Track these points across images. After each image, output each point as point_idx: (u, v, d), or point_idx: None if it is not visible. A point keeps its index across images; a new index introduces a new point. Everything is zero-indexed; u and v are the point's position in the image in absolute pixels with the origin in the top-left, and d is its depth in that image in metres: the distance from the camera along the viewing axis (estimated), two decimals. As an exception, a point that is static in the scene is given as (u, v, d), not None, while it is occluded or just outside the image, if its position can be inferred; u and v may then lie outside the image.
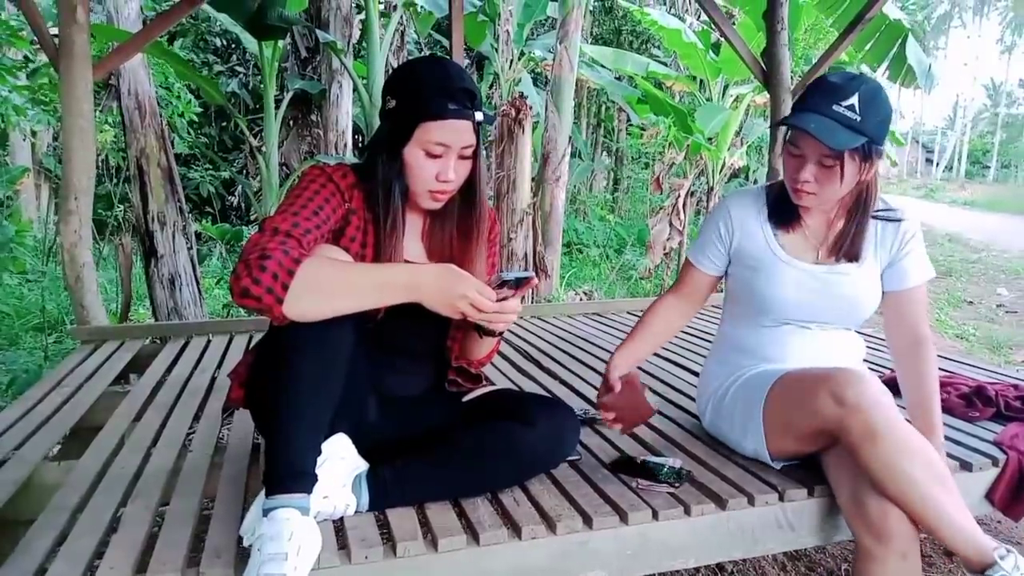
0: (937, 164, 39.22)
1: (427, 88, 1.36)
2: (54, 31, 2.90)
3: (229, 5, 3.83)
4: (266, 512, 1.21)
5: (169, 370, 2.49)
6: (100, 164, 7.69)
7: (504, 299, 1.31)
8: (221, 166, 7.30)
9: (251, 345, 2.12)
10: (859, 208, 1.63)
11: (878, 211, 1.66)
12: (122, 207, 6.78)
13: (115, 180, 6.89)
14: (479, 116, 1.41)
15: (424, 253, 1.54)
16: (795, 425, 1.54)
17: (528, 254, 4.22)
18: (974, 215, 17.93)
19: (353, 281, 1.24)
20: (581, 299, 5.38)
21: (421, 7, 5.02)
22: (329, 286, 1.22)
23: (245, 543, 1.23)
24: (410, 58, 2.00)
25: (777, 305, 1.66)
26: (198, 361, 2.59)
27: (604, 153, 12.36)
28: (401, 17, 5.28)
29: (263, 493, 1.25)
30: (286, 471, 1.23)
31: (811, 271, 1.66)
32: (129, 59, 3.46)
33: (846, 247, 1.65)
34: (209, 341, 2.90)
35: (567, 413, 1.55)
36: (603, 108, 12.13)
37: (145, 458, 1.71)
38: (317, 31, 4.39)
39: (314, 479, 1.27)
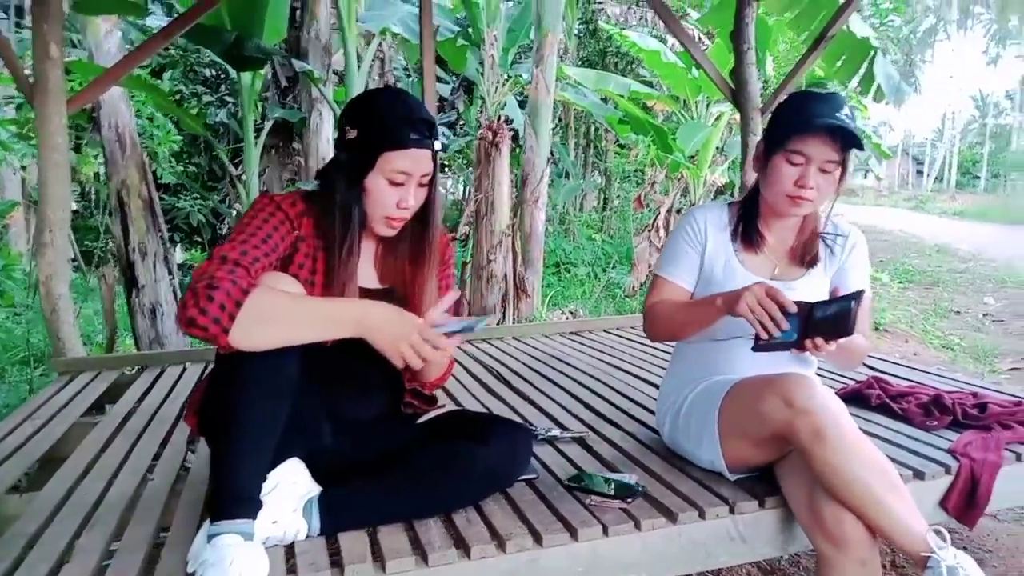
0: (927, 175, 39.50)
1: (389, 118, 1.40)
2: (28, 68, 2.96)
3: (208, 38, 3.89)
4: (210, 538, 1.22)
5: (141, 399, 2.51)
6: (88, 196, 7.76)
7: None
8: (208, 196, 7.35)
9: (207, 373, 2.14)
10: (808, 222, 1.72)
11: (825, 233, 1.72)
12: (107, 239, 6.82)
13: (103, 211, 6.94)
14: (437, 145, 1.46)
15: (376, 277, 1.56)
16: (748, 431, 1.56)
17: (508, 275, 4.26)
18: (964, 225, 18.03)
19: (300, 314, 1.26)
20: (567, 318, 5.41)
21: (394, 37, 5.08)
22: (276, 317, 1.24)
23: (189, 569, 1.24)
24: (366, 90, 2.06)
25: (731, 319, 1.69)
26: (171, 390, 2.61)
27: (595, 173, 12.44)
28: (381, 44, 5.36)
29: (209, 520, 1.26)
30: (229, 497, 1.25)
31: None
32: (103, 92, 3.51)
33: (799, 261, 1.72)
34: (184, 369, 2.91)
35: (520, 431, 1.57)
36: (592, 128, 12.24)
37: (107, 487, 1.72)
38: (294, 60, 4.46)
39: (258, 505, 1.28)
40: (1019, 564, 2.31)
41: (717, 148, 6.83)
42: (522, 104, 9.55)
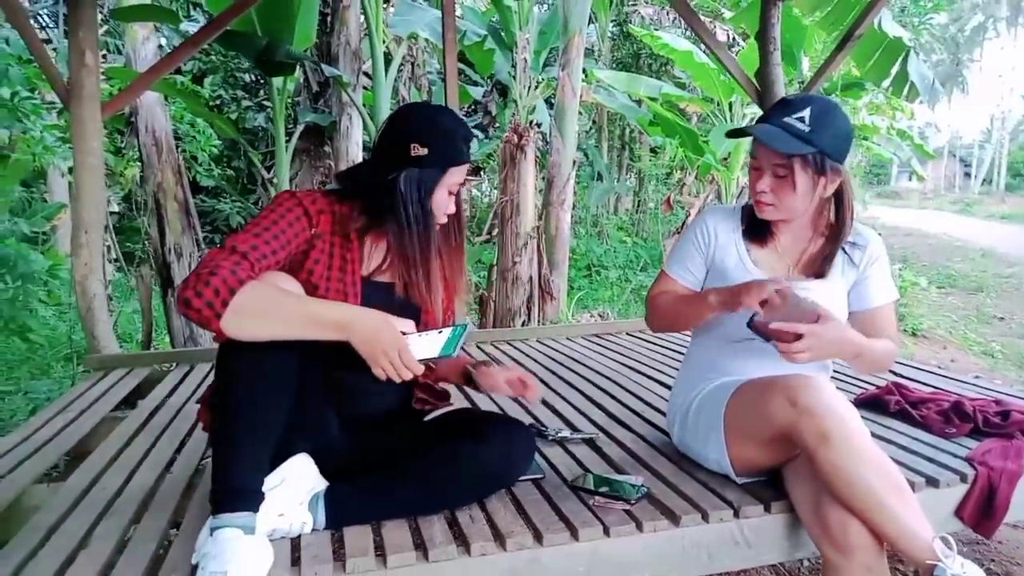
0: (975, 178, 38.37)
1: (455, 137, 1.51)
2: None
3: (239, 44, 3.99)
4: (212, 531, 1.26)
5: (169, 395, 2.58)
6: (130, 199, 7.98)
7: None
8: (246, 199, 7.52)
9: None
10: (835, 232, 1.69)
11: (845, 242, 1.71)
12: (144, 239, 7.01)
13: (144, 213, 7.14)
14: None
15: (388, 273, 1.59)
16: (754, 433, 1.55)
17: (533, 277, 4.27)
18: (1012, 229, 17.46)
19: (288, 311, 1.29)
20: (596, 320, 5.40)
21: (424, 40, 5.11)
22: (265, 311, 1.27)
23: (192, 561, 1.28)
24: (412, 102, 2.19)
25: (743, 320, 1.68)
26: (198, 386, 2.68)
27: (630, 175, 12.38)
28: (411, 49, 5.42)
29: (211, 514, 1.30)
30: (229, 491, 1.28)
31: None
32: (136, 97, 3.62)
33: (817, 267, 1.70)
34: (213, 367, 2.98)
35: (520, 430, 1.58)
36: (627, 131, 12.19)
37: (127, 479, 1.78)
38: (324, 66, 4.54)
39: (259, 498, 1.31)
40: (1048, 577, 2.25)
41: (749, 151, 6.74)
42: (553, 107, 9.58)
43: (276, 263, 1.39)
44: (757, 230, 1.73)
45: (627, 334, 3.58)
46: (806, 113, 1.54)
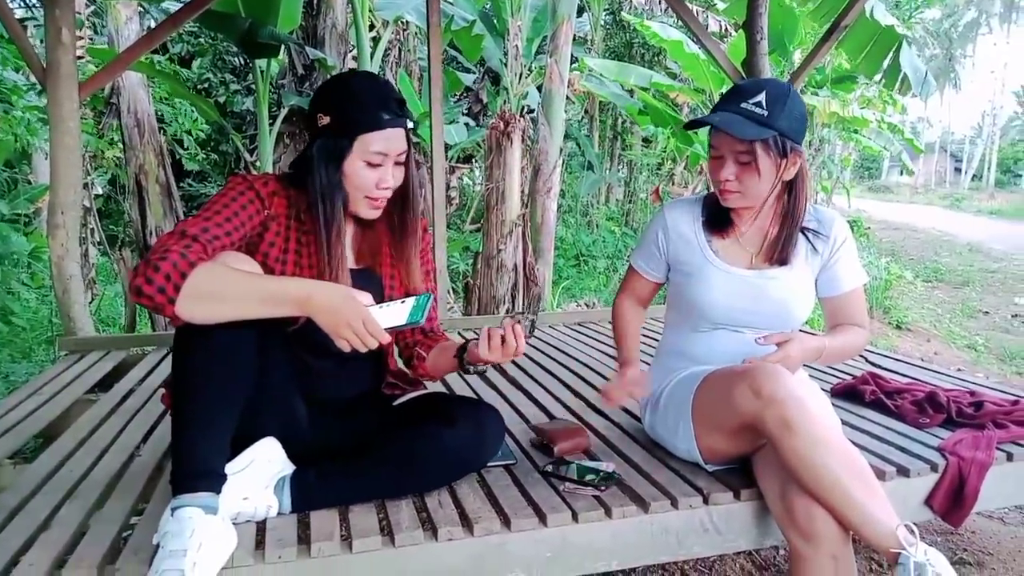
0: (965, 173, 38.53)
1: (365, 102, 1.42)
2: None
3: (222, 24, 3.94)
4: (172, 512, 1.24)
5: (144, 379, 2.56)
6: (112, 181, 7.90)
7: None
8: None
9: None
10: (789, 215, 1.67)
11: (806, 227, 1.69)
12: (126, 222, 6.95)
13: (125, 196, 7.07)
14: (410, 123, 1.47)
15: (353, 258, 1.57)
16: (720, 422, 1.55)
17: (518, 265, 4.25)
18: (1000, 224, 17.57)
19: (243, 290, 1.26)
20: (583, 309, 5.39)
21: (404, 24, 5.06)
22: (219, 292, 1.24)
23: (154, 541, 1.26)
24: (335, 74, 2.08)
25: (709, 309, 1.68)
26: (174, 370, 2.65)
27: (622, 165, 12.35)
28: (397, 33, 5.37)
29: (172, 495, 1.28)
30: (188, 471, 1.27)
31: (743, 276, 1.67)
32: (115, 78, 3.57)
33: (777, 253, 1.68)
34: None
35: (489, 413, 1.57)
36: (618, 121, 12.14)
37: (95, 462, 1.75)
38: (308, 49, 4.49)
39: (220, 479, 1.30)
40: (1021, 568, 2.26)
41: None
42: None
43: (229, 245, 1.36)
44: (717, 221, 1.72)
45: (607, 322, 3.57)
46: (761, 98, 1.54)
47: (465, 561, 1.40)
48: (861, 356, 2.64)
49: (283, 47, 4.59)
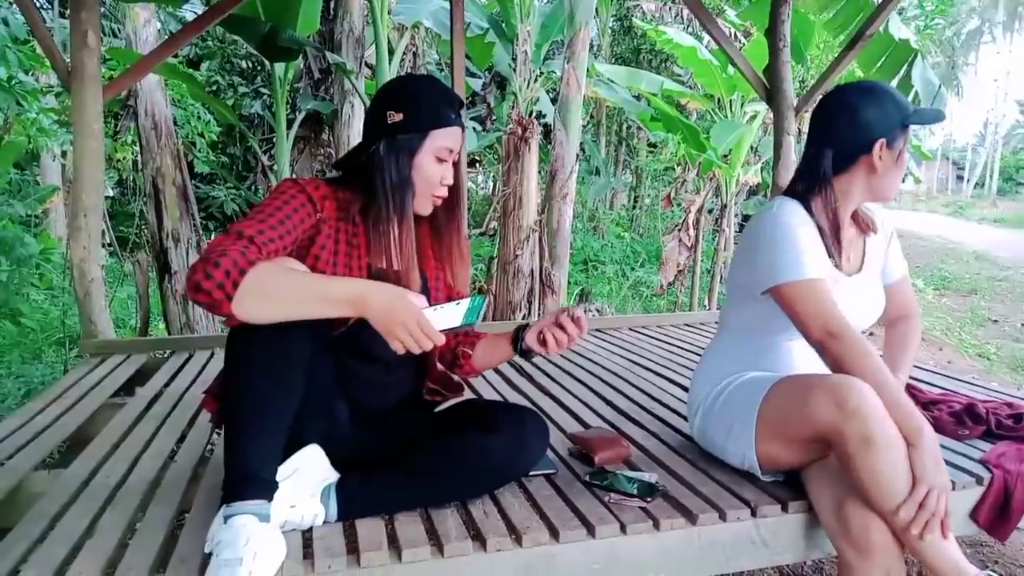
0: (968, 181, 38.56)
1: (434, 100, 1.48)
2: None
3: (242, 28, 3.93)
4: (226, 519, 1.23)
5: (169, 383, 2.54)
6: (125, 183, 7.90)
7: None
8: (241, 186, 7.45)
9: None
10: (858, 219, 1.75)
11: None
12: (141, 225, 6.94)
13: (139, 198, 7.06)
14: (466, 123, 1.55)
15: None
16: (789, 430, 1.52)
17: (535, 271, 4.24)
18: (1004, 233, 17.57)
19: (300, 289, 1.26)
20: (593, 315, 5.37)
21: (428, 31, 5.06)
22: (277, 291, 1.24)
23: (206, 550, 1.25)
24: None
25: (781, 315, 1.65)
26: (198, 374, 2.64)
27: (626, 171, 12.36)
28: (413, 38, 5.37)
29: (224, 502, 1.27)
30: (241, 478, 1.25)
31: (848, 284, 1.67)
32: (138, 80, 3.56)
33: (864, 252, 1.75)
34: (212, 355, 2.95)
35: (533, 420, 1.55)
36: (624, 126, 12.15)
37: (130, 468, 1.74)
38: (327, 53, 4.49)
39: (273, 486, 1.29)
40: (1053, 581, 2.25)
41: (751, 148, 6.74)
42: (554, 100, 9.54)
43: (283, 248, 1.36)
44: (832, 231, 1.65)
45: (629, 329, 3.56)
46: None
47: (513, 572, 1.38)
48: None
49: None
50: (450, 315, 1.34)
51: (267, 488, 1.28)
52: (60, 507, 1.51)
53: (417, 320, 1.27)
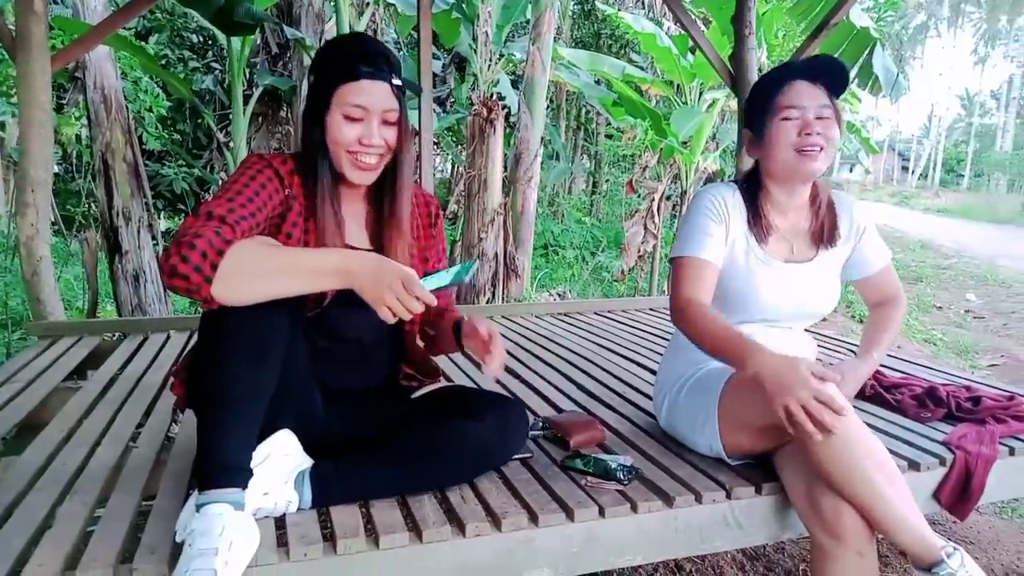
0: (912, 172, 39.80)
1: (344, 55, 1.40)
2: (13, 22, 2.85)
3: (196, 1, 3.79)
4: (199, 508, 1.19)
5: (124, 366, 2.45)
6: (70, 159, 7.59)
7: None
8: (194, 163, 7.23)
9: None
10: (818, 196, 1.73)
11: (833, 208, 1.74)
12: (89, 202, 6.68)
13: (85, 175, 6.80)
14: (396, 80, 1.42)
15: (367, 238, 1.52)
16: (749, 420, 1.54)
17: (499, 254, 4.22)
18: (947, 222, 18.19)
19: (283, 263, 1.21)
20: (555, 300, 5.38)
21: (397, 8, 4.98)
22: (258, 268, 1.19)
23: (178, 539, 1.21)
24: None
25: (752, 304, 1.67)
26: (154, 358, 2.55)
27: (584, 156, 12.39)
28: (374, 15, 5.26)
29: (197, 490, 1.23)
30: (217, 466, 1.21)
31: (784, 269, 1.68)
32: (88, 50, 3.41)
33: (826, 236, 1.72)
34: (168, 338, 2.85)
35: (515, 409, 1.54)
36: (583, 111, 12.16)
37: (89, 454, 1.67)
38: (286, 28, 4.36)
39: (248, 474, 1.25)
40: (1000, 556, 2.33)
41: (709, 135, 6.80)
42: (515, 83, 9.49)
43: (256, 226, 1.31)
44: (756, 216, 1.68)
45: (595, 314, 3.57)
46: (831, 59, 1.64)
47: (492, 557, 1.37)
48: (852, 352, 2.69)
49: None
50: (438, 279, 1.30)
51: (242, 476, 1.24)
52: (15, 495, 1.44)
53: (404, 280, 1.21)
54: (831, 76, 1.59)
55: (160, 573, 1.19)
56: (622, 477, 1.53)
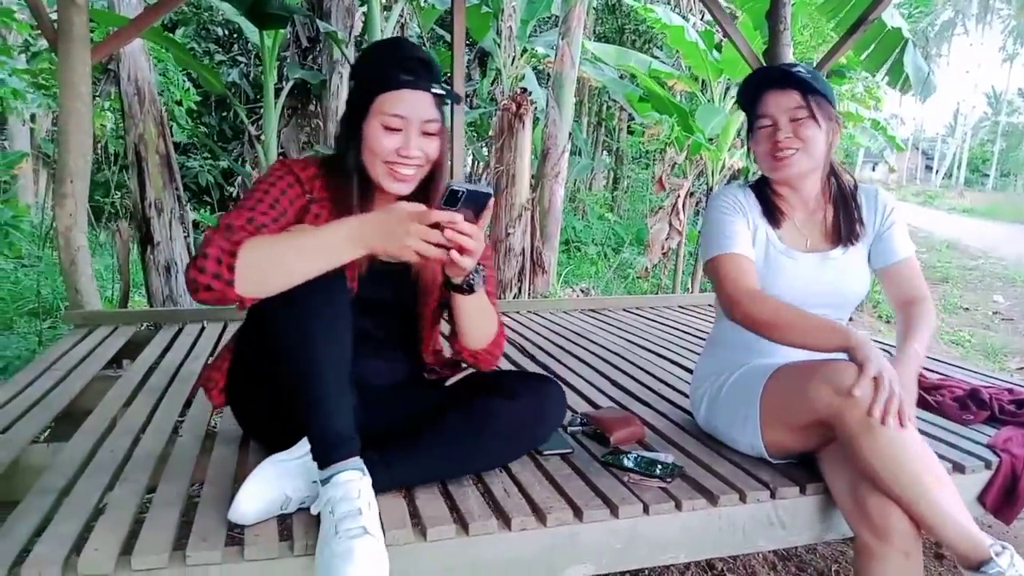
0: (937, 171, 39.27)
1: (383, 62, 1.39)
2: (54, 15, 2.89)
3: (231, -7, 3.82)
4: (325, 481, 1.23)
5: (162, 356, 2.48)
6: (98, 150, 7.67)
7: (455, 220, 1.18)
8: (220, 155, 7.28)
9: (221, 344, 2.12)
10: (839, 191, 1.73)
11: (855, 188, 1.74)
12: (119, 194, 6.75)
13: (113, 167, 6.87)
14: (436, 89, 1.40)
15: None
16: (792, 418, 1.53)
17: (526, 249, 4.21)
18: (972, 223, 17.94)
19: (297, 245, 1.22)
20: (579, 296, 5.37)
21: (425, 0, 5.00)
22: (274, 255, 1.20)
23: (313, 512, 1.26)
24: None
25: (781, 298, 1.65)
26: (191, 348, 2.58)
27: (604, 152, 12.34)
28: (403, 10, 5.26)
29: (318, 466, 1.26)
30: (331, 444, 1.24)
31: (805, 260, 1.68)
32: (127, 43, 3.44)
33: (845, 231, 1.71)
34: (203, 328, 2.88)
35: (550, 385, 1.54)
36: (604, 107, 12.11)
37: (134, 442, 1.69)
38: (318, 21, 4.38)
39: (356, 441, 1.27)
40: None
41: (735, 132, 6.75)
42: (539, 77, 9.47)
43: (277, 232, 1.31)
44: (770, 211, 1.71)
45: (623, 310, 3.56)
46: (801, 67, 1.63)
47: (537, 552, 1.37)
48: (887, 352, 2.66)
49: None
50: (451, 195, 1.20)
51: (355, 442, 1.27)
52: (67, 481, 1.46)
53: (415, 216, 1.17)
54: (798, 78, 1.61)
55: (212, 561, 1.21)
56: (665, 474, 1.53)
